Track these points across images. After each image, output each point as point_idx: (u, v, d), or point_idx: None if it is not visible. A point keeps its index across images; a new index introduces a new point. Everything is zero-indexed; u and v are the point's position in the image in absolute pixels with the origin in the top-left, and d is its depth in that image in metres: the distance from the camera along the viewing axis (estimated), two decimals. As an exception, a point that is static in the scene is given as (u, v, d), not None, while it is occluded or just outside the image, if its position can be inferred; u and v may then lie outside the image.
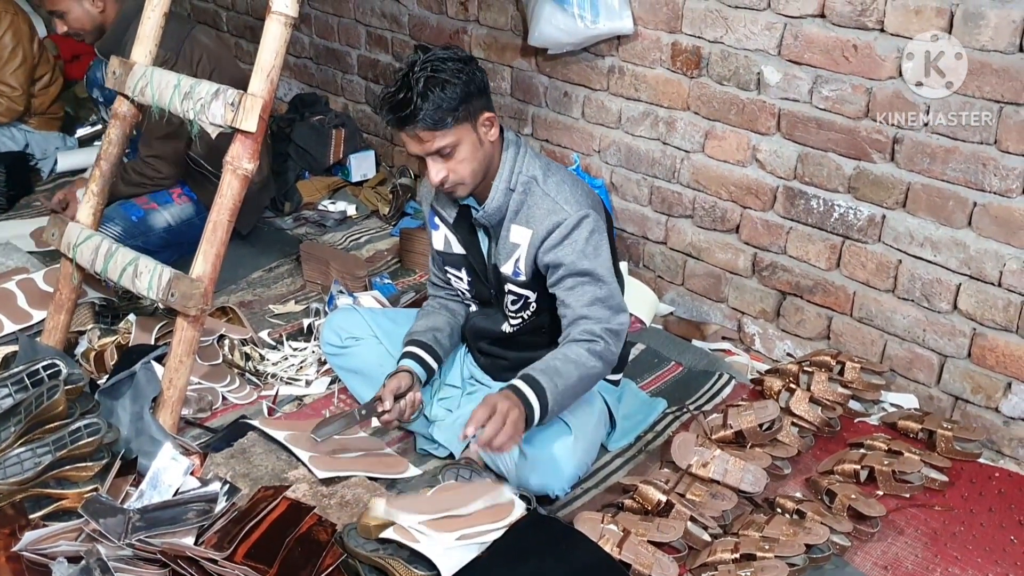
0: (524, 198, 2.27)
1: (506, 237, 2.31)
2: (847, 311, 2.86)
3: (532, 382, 2.12)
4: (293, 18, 2.31)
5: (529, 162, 2.29)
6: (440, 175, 2.19)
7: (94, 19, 3.31)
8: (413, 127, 2.13)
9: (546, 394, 2.10)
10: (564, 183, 2.28)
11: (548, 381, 2.12)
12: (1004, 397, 2.59)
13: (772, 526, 2.18)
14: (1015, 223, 2.45)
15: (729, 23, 2.87)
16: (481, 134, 2.20)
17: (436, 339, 2.49)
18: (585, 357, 2.17)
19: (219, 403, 2.68)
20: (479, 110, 2.18)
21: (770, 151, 2.89)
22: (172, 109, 2.46)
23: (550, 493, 2.27)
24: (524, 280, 2.33)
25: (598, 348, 2.19)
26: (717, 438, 2.49)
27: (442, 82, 2.10)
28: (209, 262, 2.39)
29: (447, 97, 2.10)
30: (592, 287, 2.22)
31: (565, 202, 2.24)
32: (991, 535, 2.27)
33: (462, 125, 2.15)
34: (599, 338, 2.19)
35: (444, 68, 2.11)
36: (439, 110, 2.10)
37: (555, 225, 2.23)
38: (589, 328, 2.20)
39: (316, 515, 2.04)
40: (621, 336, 2.26)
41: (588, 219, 2.23)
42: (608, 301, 2.23)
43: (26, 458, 2.13)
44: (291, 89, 4.77)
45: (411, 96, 2.09)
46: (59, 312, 2.71)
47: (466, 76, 2.13)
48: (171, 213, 3.45)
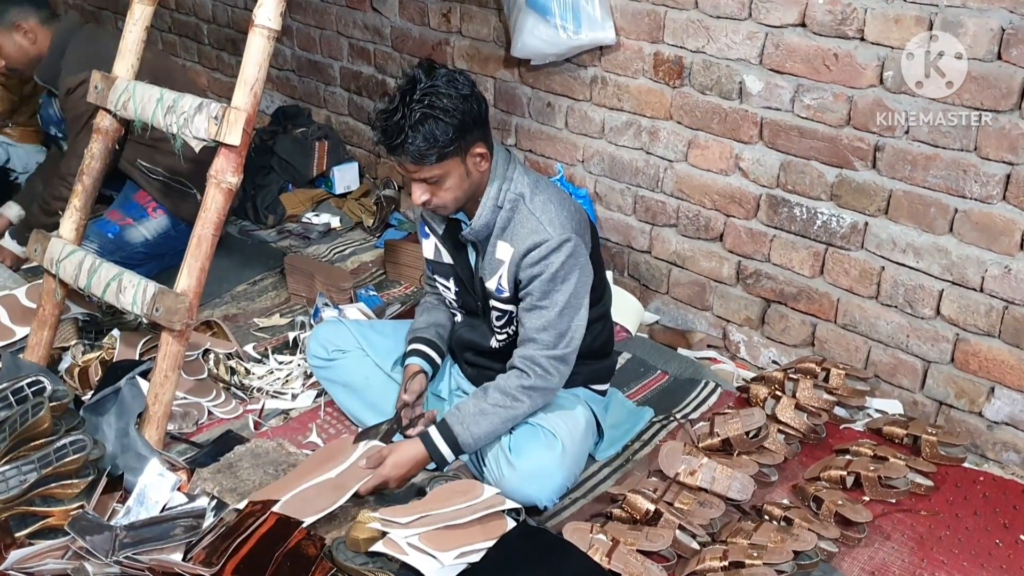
0: (511, 215, 2.27)
1: (492, 253, 2.31)
2: (831, 318, 2.88)
3: (447, 434, 2.29)
4: (276, 31, 2.31)
5: (518, 179, 2.28)
6: (423, 198, 2.20)
7: (27, 52, 3.31)
8: (400, 157, 2.13)
9: (458, 444, 2.29)
10: (551, 203, 2.27)
11: (464, 431, 2.28)
12: (987, 401, 2.61)
13: (760, 533, 2.18)
14: (996, 229, 2.47)
15: (711, 33, 2.88)
16: (470, 166, 2.19)
17: (439, 334, 2.55)
18: (513, 398, 2.29)
19: (204, 418, 2.67)
20: (472, 143, 2.17)
21: (753, 160, 2.91)
22: (155, 123, 2.46)
23: (539, 504, 2.27)
24: (506, 296, 2.34)
25: (528, 382, 2.28)
26: (704, 446, 2.50)
27: (436, 118, 2.08)
28: (194, 276, 2.38)
29: (439, 134, 2.09)
30: (548, 312, 2.26)
31: (549, 223, 2.24)
32: (977, 539, 2.29)
33: (451, 160, 2.14)
34: (536, 367, 2.28)
35: (440, 104, 2.08)
36: (429, 146, 2.09)
37: (535, 245, 2.23)
38: (531, 355, 2.29)
39: (304, 530, 2.02)
40: (567, 360, 2.32)
41: (568, 244, 2.23)
42: (558, 327, 2.27)
43: (11, 476, 2.11)
44: (273, 101, 4.76)
45: (403, 124, 2.08)
46: (42, 328, 2.69)
47: (461, 115, 2.10)
48: (147, 227, 3.42)
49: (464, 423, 2.28)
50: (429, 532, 2.00)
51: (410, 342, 2.54)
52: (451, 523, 2.04)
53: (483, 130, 2.20)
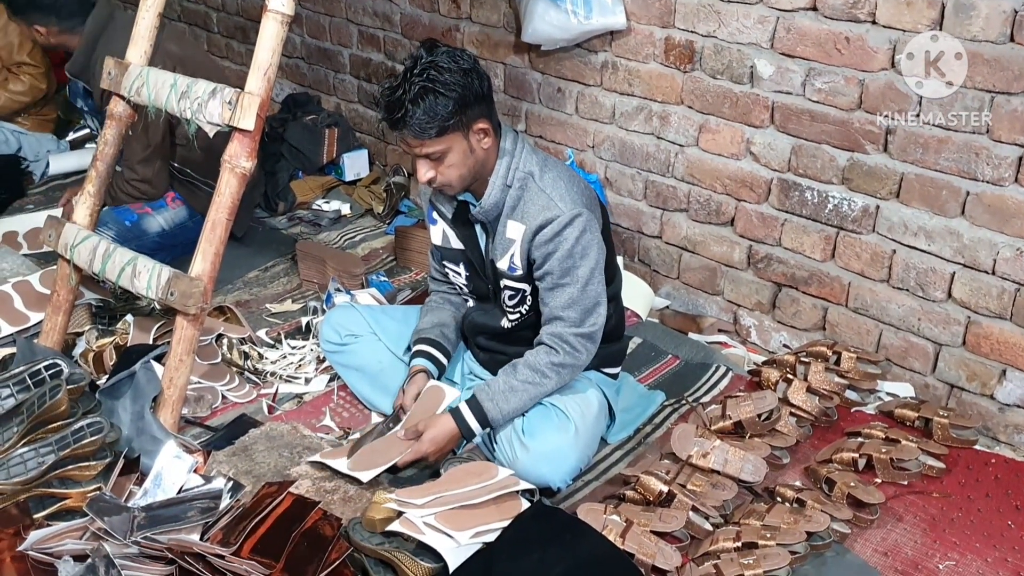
0: (521, 193, 2.28)
1: (502, 232, 2.32)
2: (842, 302, 2.88)
3: (477, 410, 2.30)
4: (289, 16, 2.31)
5: (526, 158, 2.29)
6: (427, 176, 2.21)
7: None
8: (402, 133, 2.15)
9: (488, 420, 2.30)
10: (560, 179, 2.29)
11: (493, 407, 2.29)
12: (999, 384, 2.61)
13: (773, 515, 2.20)
14: (1008, 211, 2.47)
15: (722, 17, 2.88)
16: (473, 142, 2.20)
17: (443, 334, 2.53)
18: (542, 374, 2.30)
19: (219, 402, 2.68)
20: (474, 119, 2.18)
21: (764, 144, 2.91)
22: (169, 109, 2.46)
23: (552, 485, 2.29)
24: (520, 275, 2.34)
25: (557, 359, 2.29)
26: (716, 429, 2.51)
27: (436, 92, 2.09)
28: (208, 260, 2.39)
29: (439, 108, 2.10)
30: (571, 288, 2.27)
31: (560, 199, 2.25)
32: (988, 520, 2.30)
33: (452, 134, 2.15)
34: (564, 344, 2.29)
35: (441, 78, 2.10)
36: (429, 120, 2.10)
37: (547, 221, 2.24)
38: (558, 332, 2.29)
39: (321, 510, 2.04)
40: (594, 338, 2.33)
41: (580, 218, 2.24)
42: (583, 303, 2.28)
43: (29, 458, 2.13)
44: (283, 89, 4.77)
45: (403, 99, 2.10)
46: (56, 314, 2.70)
47: (462, 88, 2.12)
48: (165, 217, 3.45)
49: (494, 399, 2.30)
50: (444, 512, 2.02)
51: (415, 342, 2.55)
52: (466, 503, 2.06)
53: (485, 106, 2.21)
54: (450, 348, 2.54)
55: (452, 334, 2.56)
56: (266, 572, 1.84)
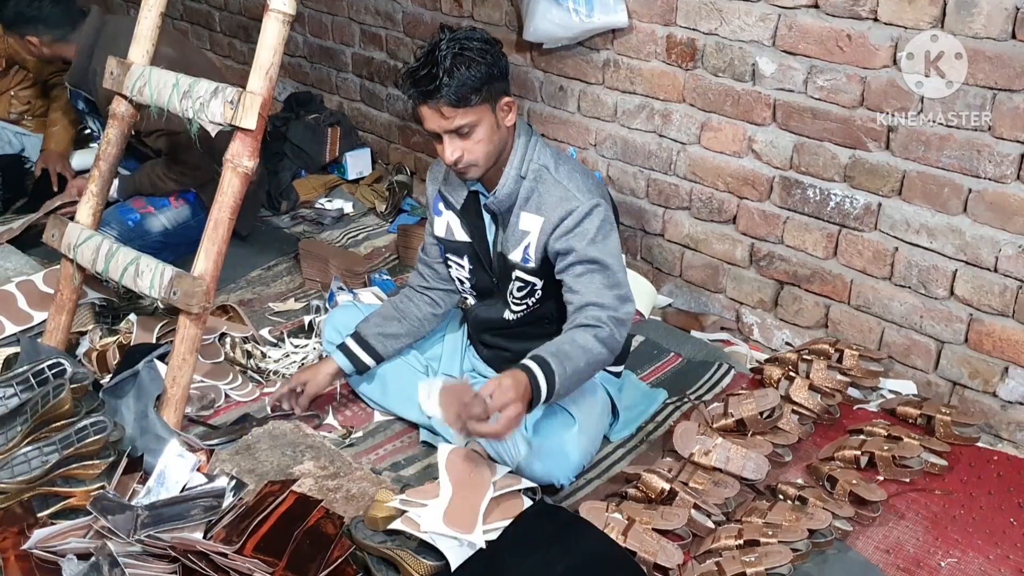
0: (535, 185, 2.28)
1: (515, 224, 2.32)
2: (844, 299, 2.88)
3: (543, 364, 2.06)
4: (291, 15, 2.31)
5: (540, 151, 2.30)
6: (455, 154, 2.20)
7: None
8: (436, 101, 2.13)
9: (555, 377, 2.05)
10: (575, 172, 2.30)
11: (558, 365, 2.06)
12: (1001, 381, 2.61)
13: (775, 512, 2.20)
14: (1010, 209, 2.47)
15: (723, 15, 2.88)
16: (499, 117, 2.21)
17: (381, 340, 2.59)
18: (592, 343, 2.13)
19: (222, 401, 2.69)
20: (499, 93, 2.19)
21: (766, 142, 2.91)
22: (171, 108, 2.46)
23: (555, 482, 2.29)
24: (533, 267, 2.34)
25: (603, 334, 2.15)
26: (718, 427, 2.51)
27: (468, 60, 2.11)
28: (211, 260, 2.39)
29: (472, 75, 2.11)
30: (601, 275, 2.22)
31: (577, 190, 2.25)
32: (990, 518, 2.29)
33: (483, 106, 2.16)
34: (605, 324, 2.16)
35: (470, 47, 2.12)
36: (464, 87, 2.11)
37: (568, 212, 2.24)
38: (596, 315, 2.17)
39: (324, 508, 2.05)
40: (627, 325, 2.25)
41: (599, 208, 2.24)
42: (616, 289, 2.23)
43: (33, 457, 2.14)
44: (285, 88, 4.77)
45: (437, 71, 2.10)
46: (60, 313, 2.71)
47: (491, 57, 2.15)
48: (167, 217, 3.46)
49: (558, 358, 2.08)
50: (447, 510, 2.02)
51: (352, 334, 2.59)
52: (468, 502, 2.06)
53: (507, 83, 2.23)
54: (383, 356, 2.59)
55: (392, 346, 2.60)
56: (269, 570, 1.85)
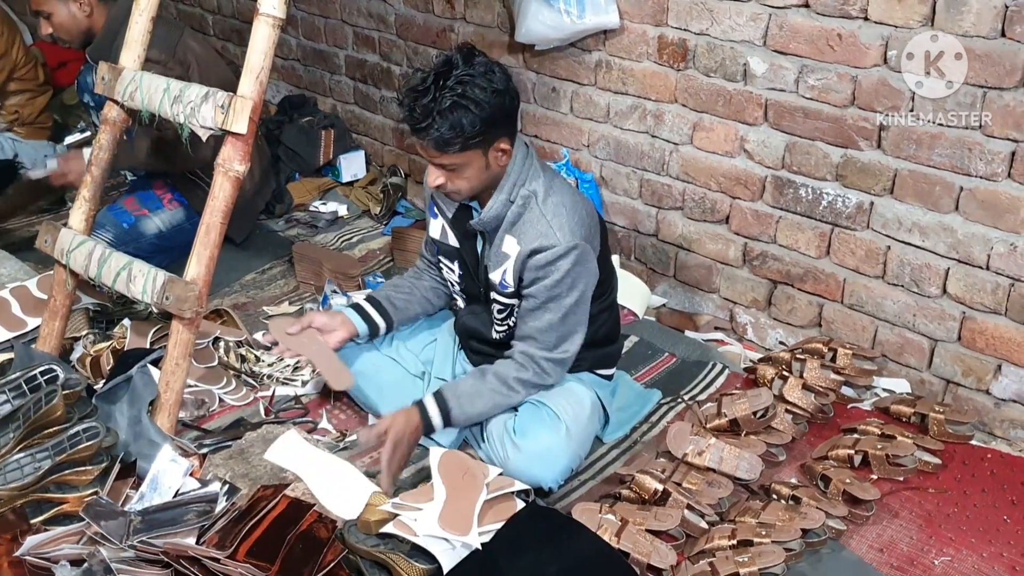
0: (522, 211, 2.27)
1: (499, 244, 2.32)
2: (838, 298, 2.88)
3: (442, 405, 2.30)
4: (281, 19, 2.31)
5: (533, 175, 2.27)
6: (437, 182, 2.20)
7: (79, 23, 3.31)
8: (424, 138, 2.12)
9: (450, 418, 2.31)
10: (563, 207, 2.25)
11: (458, 408, 2.31)
12: (994, 379, 2.61)
13: (768, 512, 2.20)
14: (1001, 206, 2.47)
15: (714, 15, 2.88)
16: (491, 159, 2.19)
17: (390, 299, 2.61)
18: (508, 387, 2.32)
19: (216, 405, 2.69)
20: (497, 138, 2.16)
21: (758, 141, 2.91)
22: (162, 113, 2.46)
23: (544, 485, 2.29)
24: (510, 292, 2.35)
25: (525, 376, 2.31)
26: (712, 427, 2.51)
27: (466, 108, 2.06)
28: (203, 264, 2.39)
29: (468, 124, 2.07)
30: (551, 315, 2.27)
31: (559, 228, 2.22)
32: (984, 515, 2.30)
33: (473, 151, 2.14)
34: (535, 365, 2.31)
35: (474, 95, 2.06)
36: (454, 135, 2.08)
37: (542, 248, 2.22)
38: (530, 352, 2.31)
39: (316, 512, 2.05)
40: (565, 363, 2.36)
41: (575, 251, 2.22)
42: (560, 329, 2.29)
43: (26, 463, 2.14)
44: (279, 91, 4.77)
45: (432, 109, 2.06)
46: (54, 319, 2.71)
47: (492, 108, 2.09)
48: (162, 219, 3.45)
49: (459, 400, 2.32)
50: (442, 513, 2.02)
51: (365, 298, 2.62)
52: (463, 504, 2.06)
53: (511, 127, 2.19)
54: (392, 315, 2.59)
55: (403, 304, 2.61)
56: (261, 575, 1.85)
